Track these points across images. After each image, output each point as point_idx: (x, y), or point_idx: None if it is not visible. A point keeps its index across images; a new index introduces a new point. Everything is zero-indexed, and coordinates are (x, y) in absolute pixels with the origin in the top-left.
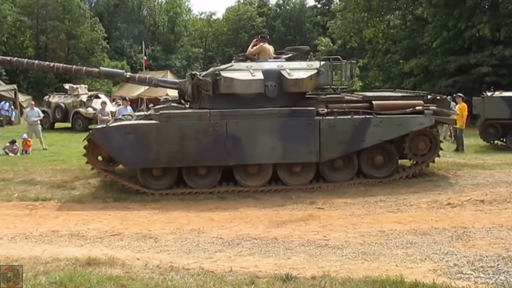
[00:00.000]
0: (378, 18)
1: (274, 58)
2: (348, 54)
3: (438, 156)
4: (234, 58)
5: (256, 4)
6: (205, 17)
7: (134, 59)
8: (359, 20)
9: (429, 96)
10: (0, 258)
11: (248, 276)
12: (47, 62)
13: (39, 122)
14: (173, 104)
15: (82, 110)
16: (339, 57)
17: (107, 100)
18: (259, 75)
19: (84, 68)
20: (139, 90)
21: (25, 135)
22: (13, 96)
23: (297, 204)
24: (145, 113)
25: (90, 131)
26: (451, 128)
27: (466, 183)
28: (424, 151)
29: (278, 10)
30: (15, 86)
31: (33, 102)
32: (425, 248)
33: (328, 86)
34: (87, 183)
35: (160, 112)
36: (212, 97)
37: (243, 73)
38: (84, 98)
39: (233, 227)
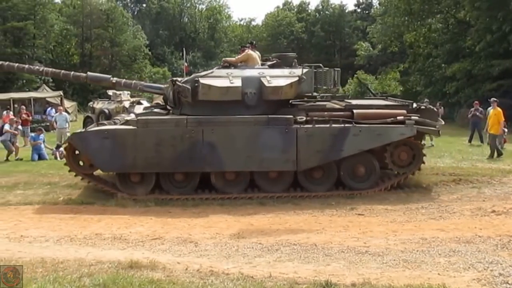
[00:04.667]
0: (419, 22)
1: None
2: (388, 58)
3: (422, 164)
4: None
5: (295, 9)
6: (244, 23)
7: (175, 65)
8: (400, 24)
9: (414, 105)
10: (46, 259)
11: (287, 282)
12: (37, 67)
13: (67, 127)
14: (155, 110)
15: (124, 115)
16: (320, 65)
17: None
18: (237, 82)
19: (72, 73)
20: None
21: None
22: (59, 102)
23: (337, 210)
24: (126, 118)
25: (69, 135)
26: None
27: (511, 190)
28: (406, 162)
29: (317, 15)
30: (61, 92)
31: (61, 107)
32: (468, 256)
33: (310, 94)
34: None
35: (138, 118)
36: (192, 103)
37: (221, 80)
38: (126, 104)
39: (272, 232)
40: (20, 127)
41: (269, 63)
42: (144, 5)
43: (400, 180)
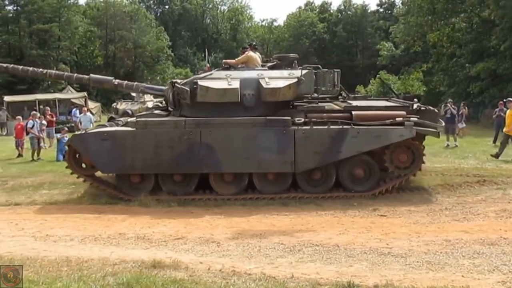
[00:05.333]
0: (442, 21)
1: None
2: (411, 58)
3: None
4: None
5: (317, 10)
6: (266, 24)
7: (197, 66)
8: (423, 24)
9: (414, 106)
10: (71, 258)
11: (309, 283)
12: (41, 69)
13: (91, 127)
14: (155, 112)
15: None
16: (319, 66)
17: None
18: (235, 84)
19: (75, 75)
20: None
21: None
22: (83, 103)
23: (359, 211)
24: (127, 120)
25: (70, 137)
26: None
27: None
28: (406, 164)
29: (340, 15)
30: (85, 93)
31: (85, 108)
32: (493, 258)
33: (309, 95)
34: None
35: (137, 119)
36: (191, 105)
37: (219, 82)
38: (150, 104)
39: (294, 233)
40: (44, 122)
41: (269, 64)
42: (167, 6)
43: (401, 182)
